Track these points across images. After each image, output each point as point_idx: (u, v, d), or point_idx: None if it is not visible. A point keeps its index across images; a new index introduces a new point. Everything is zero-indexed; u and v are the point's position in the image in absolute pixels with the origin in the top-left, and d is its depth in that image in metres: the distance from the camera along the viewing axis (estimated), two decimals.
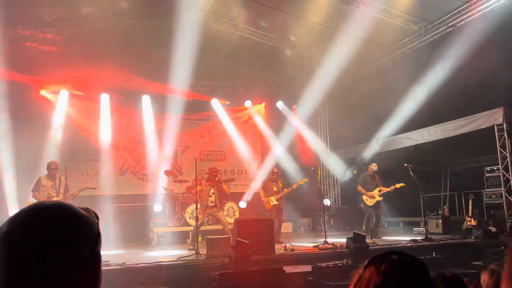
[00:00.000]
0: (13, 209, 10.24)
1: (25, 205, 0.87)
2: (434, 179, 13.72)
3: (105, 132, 12.07)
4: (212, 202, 8.75)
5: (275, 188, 9.96)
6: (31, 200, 7.70)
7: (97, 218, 0.89)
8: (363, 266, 1.02)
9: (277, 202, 9.82)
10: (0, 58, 9.22)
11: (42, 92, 11.41)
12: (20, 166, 10.85)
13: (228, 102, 13.58)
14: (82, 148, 12.18)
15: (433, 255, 6.98)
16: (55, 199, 7.46)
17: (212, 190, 8.81)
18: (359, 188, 10.11)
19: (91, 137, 12.11)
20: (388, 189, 9.71)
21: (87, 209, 0.88)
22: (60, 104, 11.65)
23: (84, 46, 10.78)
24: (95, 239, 0.84)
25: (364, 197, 10.03)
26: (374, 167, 10.14)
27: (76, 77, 11.51)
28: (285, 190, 9.94)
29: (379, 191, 9.84)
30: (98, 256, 0.85)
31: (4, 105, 10.01)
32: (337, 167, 14.12)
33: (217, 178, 9.01)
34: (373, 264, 0.99)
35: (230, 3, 10.46)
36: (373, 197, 9.87)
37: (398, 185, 9.55)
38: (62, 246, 0.78)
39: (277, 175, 10.25)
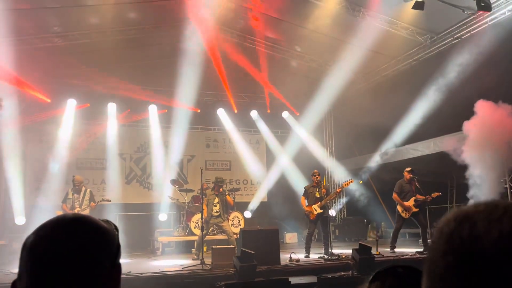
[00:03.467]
0: (20, 217, 10.32)
1: (52, 215, 0.91)
2: (441, 191, 13.64)
3: (111, 141, 12.17)
4: (217, 212, 8.77)
5: (317, 194, 8.81)
6: (60, 211, 8.62)
7: (117, 230, 0.92)
8: (367, 281, 1.02)
9: (321, 210, 8.72)
10: (8, 67, 9.34)
11: (51, 101, 11.50)
12: (28, 174, 10.95)
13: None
14: (88, 157, 12.26)
15: None
16: (77, 209, 8.38)
17: (216, 200, 8.84)
18: (395, 196, 8.98)
19: (97, 146, 12.21)
20: (425, 198, 8.74)
21: (107, 221, 0.91)
22: (68, 113, 11.76)
23: (92, 56, 10.91)
24: (115, 251, 0.87)
25: (399, 208, 8.92)
26: (409, 172, 9.02)
27: (84, 86, 11.65)
28: (328, 196, 8.91)
29: (415, 200, 8.82)
30: (118, 268, 0.88)
31: (12, 113, 10.11)
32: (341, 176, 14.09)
33: (221, 189, 9.01)
34: (378, 279, 0.99)
35: (237, 14, 10.57)
36: (410, 209, 8.80)
37: (434, 195, 8.74)
38: (85, 258, 0.81)
39: (319, 178, 9.01)
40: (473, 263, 0.53)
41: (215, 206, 8.80)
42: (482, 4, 8.17)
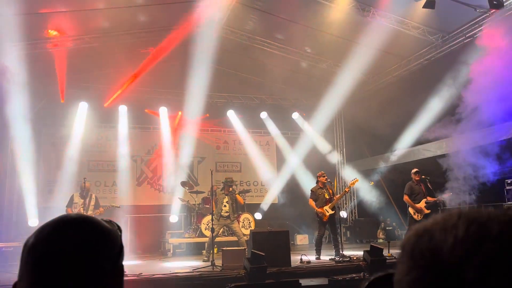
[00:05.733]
0: (33, 219, 10.44)
1: (52, 218, 0.90)
2: (454, 192, 13.48)
3: (122, 143, 12.26)
4: (226, 212, 8.77)
5: (327, 196, 8.77)
6: None
7: (120, 231, 0.91)
8: (364, 285, 0.98)
9: (333, 212, 8.68)
10: (21, 71, 9.45)
11: (63, 104, 11.62)
12: (40, 177, 11.08)
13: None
14: (100, 159, 12.37)
15: None
16: None
17: (226, 199, 8.84)
18: (406, 198, 8.81)
19: (109, 148, 12.31)
20: (435, 199, 8.66)
21: (110, 222, 0.90)
22: (79, 115, 11.88)
23: (102, 59, 11.01)
24: (118, 251, 0.86)
25: (411, 211, 8.75)
26: (415, 173, 8.93)
27: (95, 88, 11.76)
28: (337, 196, 8.94)
29: (426, 202, 8.69)
30: (121, 269, 0.87)
31: (26, 116, 10.24)
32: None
33: (230, 189, 9.02)
34: (374, 285, 0.96)
35: (247, 16, 10.57)
36: (421, 211, 8.66)
37: (445, 195, 8.66)
38: (85, 258, 0.80)
39: (326, 179, 8.95)
40: (434, 275, 0.52)
41: (225, 206, 8.80)
42: (494, 2, 8.05)
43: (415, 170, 9.10)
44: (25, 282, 0.80)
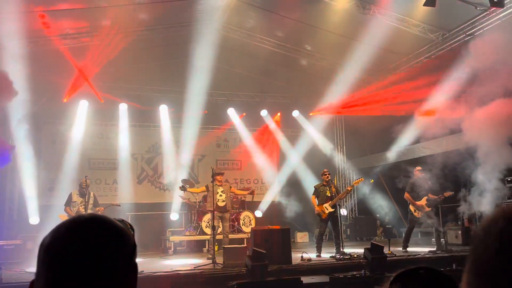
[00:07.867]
0: (34, 217, 10.45)
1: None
2: (454, 190, 13.50)
3: (123, 141, 12.26)
4: (223, 201, 8.88)
5: (328, 193, 8.76)
6: (63, 214, 8.44)
7: (133, 230, 0.92)
8: (388, 281, 1.00)
9: (333, 209, 8.66)
10: (22, 68, 9.44)
11: (63, 102, 11.61)
12: (41, 175, 11.09)
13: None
14: (100, 157, 12.37)
15: (454, 267, 6.87)
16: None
17: (221, 189, 8.94)
18: (407, 196, 8.94)
19: (109, 146, 12.32)
20: (437, 197, 8.72)
21: (122, 221, 0.92)
22: (80, 113, 11.87)
23: (103, 57, 10.99)
24: (131, 250, 0.88)
25: (412, 208, 8.91)
26: (419, 170, 9.05)
27: (96, 86, 11.74)
28: (339, 194, 8.93)
29: (428, 200, 8.78)
30: (135, 267, 0.89)
31: (26, 114, 10.24)
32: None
33: (220, 178, 9.01)
34: (399, 280, 0.98)
35: (247, 13, 10.57)
36: (422, 208, 8.81)
37: (446, 194, 8.70)
38: (101, 258, 0.82)
39: (329, 177, 8.99)
40: None
41: (221, 196, 8.90)
42: (495, 0, 8.06)
43: (419, 167, 9.12)
44: (42, 281, 0.81)
